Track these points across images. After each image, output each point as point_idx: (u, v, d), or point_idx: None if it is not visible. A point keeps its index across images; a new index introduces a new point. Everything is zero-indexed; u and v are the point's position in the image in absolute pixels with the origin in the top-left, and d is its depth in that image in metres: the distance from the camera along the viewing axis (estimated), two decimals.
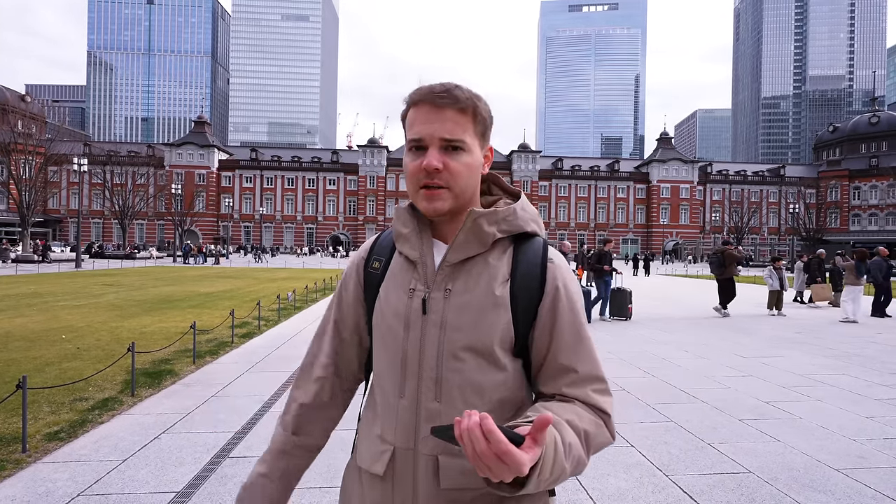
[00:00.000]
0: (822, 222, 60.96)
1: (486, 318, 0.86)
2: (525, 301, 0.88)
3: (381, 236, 1.07)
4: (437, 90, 0.88)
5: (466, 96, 0.89)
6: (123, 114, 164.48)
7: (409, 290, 0.92)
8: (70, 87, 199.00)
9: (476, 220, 0.89)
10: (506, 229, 0.91)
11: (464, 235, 0.89)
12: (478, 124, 0.91)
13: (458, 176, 0.88)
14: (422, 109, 0.88)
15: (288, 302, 11.17)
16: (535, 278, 0.89)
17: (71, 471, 3.05)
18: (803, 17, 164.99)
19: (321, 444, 1.07)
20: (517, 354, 0.90)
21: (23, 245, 35.74)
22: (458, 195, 0.89)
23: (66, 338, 7.19)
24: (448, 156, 0.87)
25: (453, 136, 0.87)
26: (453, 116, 0.87)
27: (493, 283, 0.88)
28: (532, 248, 0.92)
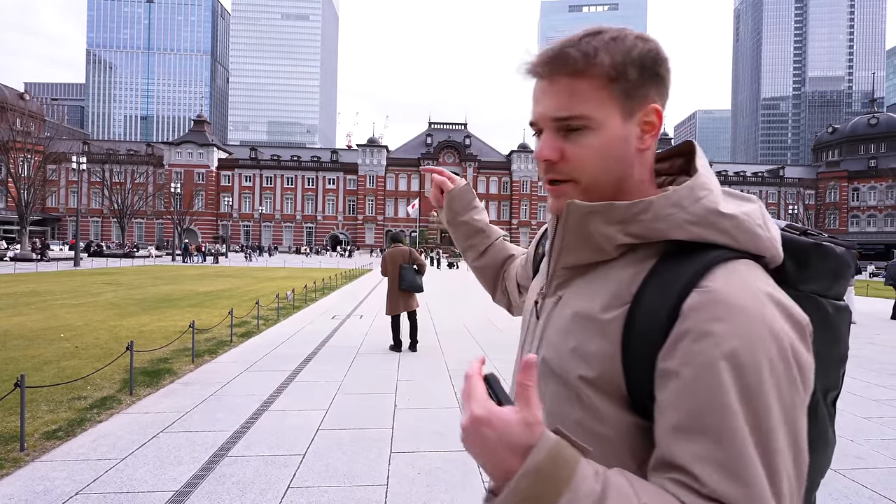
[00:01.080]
0: (821, 223, 61.09)
1: (580, 344, 0.64)
2: (645, 341, 0.58)
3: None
4: (541, 57, 0.65)
5: (583, 51, 0.62)
6: (122, 112, 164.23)
7: (541, 288, 0.78)
8: (69, 86, 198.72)
9: (583, 216, 0.64)
10: (637, 233, 0.62)
11: (568, 235, 0.68)
12: (616, 83, 0.63)
13: (583, 165, 0.65)
14: (535, 84, 0.68)
15: (287, 301, 11.17)
16: (665, 310, 0.57)
17: (69, 469, 3.05)
18: (803, 19, 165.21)
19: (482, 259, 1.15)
20: (637, 410, 0.60)
21: (21, 243, 35.69)
22: (589, 189, 0.66)
23: (64, 336, 7.18)
24: (567, 140, 0.65)
25: (568, 113, 0.63)
26: (567, 86, 0.64)
27: (603, 303, 0.63)
28: (684, 265, 0.59)
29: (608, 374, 0.61)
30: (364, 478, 3.02)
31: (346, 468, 3.14)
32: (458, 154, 72.77)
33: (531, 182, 72.45)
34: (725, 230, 0.60)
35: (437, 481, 3.00)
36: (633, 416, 0.61)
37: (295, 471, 3.09)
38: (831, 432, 0.73)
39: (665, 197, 0.62)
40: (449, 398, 4.65)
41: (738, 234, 0.60)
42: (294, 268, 30.36)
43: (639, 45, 0.63)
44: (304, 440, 3.57)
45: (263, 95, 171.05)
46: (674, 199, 0.62)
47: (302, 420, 3.99)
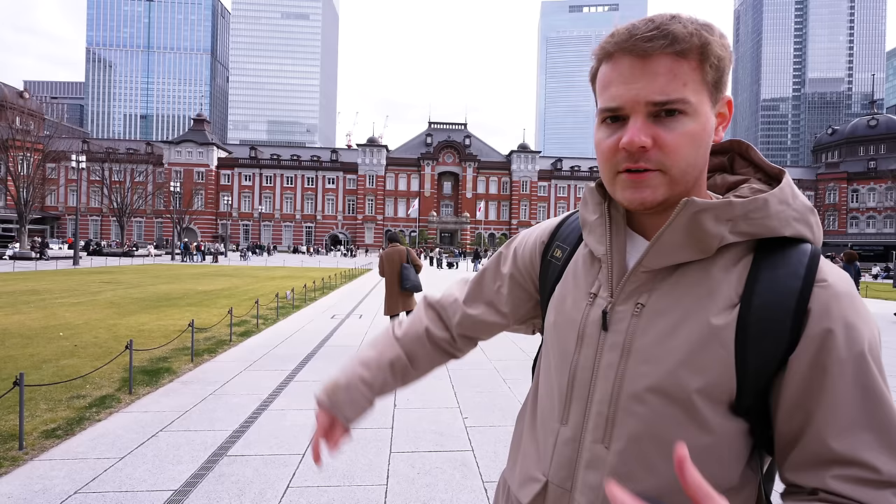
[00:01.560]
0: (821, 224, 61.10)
1: (692, 354, 0.60)
2: (764, 342, 0.58)
3: (569, 218, 0.84)
4: (640, 30, 0.60)
5: (688, 31, 0.59)
6: (122, 111, 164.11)
7: (590, 294, 0.71)
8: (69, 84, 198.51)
9: (696, 214, 0.60)
10: (746, 231, 0.61)
11: (672, 234, 0.62)
12: (707, 71, 0.61)
13: (676, 153, 0.60)
14: (620, 62, 0.61)
15: (287, 301, 11.16)
16: (786, 309, 0.58)
17: (68, 468, 3.04)
18: (803, 20, 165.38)
19: (419, 377, 0.96)
20: (739, 412, 0.61)
21: (20, 242, 35.65)
22: (677, 180, 0.62)
23: (63, 335, 7.17)
24: (660, 125, 0.60)
25: (668, 97, 0.59)
26: (668, 66, 0.59)
27: (711, 306, 0.61)
28: (790, 261, 0.60)
29: (722, 382, 0.60)
30: (363, 477, 3.01)
31: (346, 468, 3.14)
32: (457, 154, 72.77)
33: (531, 182, 72.47)
34: (813, 226, 0.64)
35: (437, 481, 2.99)
36: (737, 421, 0.62)
37: (294, 470, 3.08)
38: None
39: (774, 195, 0.62)
40: (448, 398, 4.65)
41: (818, 230, 0.65)
42: (293, 267, 30.34)
43: (719, 35, 0.62)
44: (303, 439, 3.57)
45: (263, 95, 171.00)
46: (781, 196, 0.62)
47: (301, 419, 3.98)
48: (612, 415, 0.65)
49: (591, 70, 0.68)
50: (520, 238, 0.90)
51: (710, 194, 0.69)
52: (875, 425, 0.54)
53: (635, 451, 0.64)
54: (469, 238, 69.67)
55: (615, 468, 0.65)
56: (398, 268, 6.61)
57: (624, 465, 0.64)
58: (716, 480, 0.60)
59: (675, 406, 0.61)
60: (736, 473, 0.63)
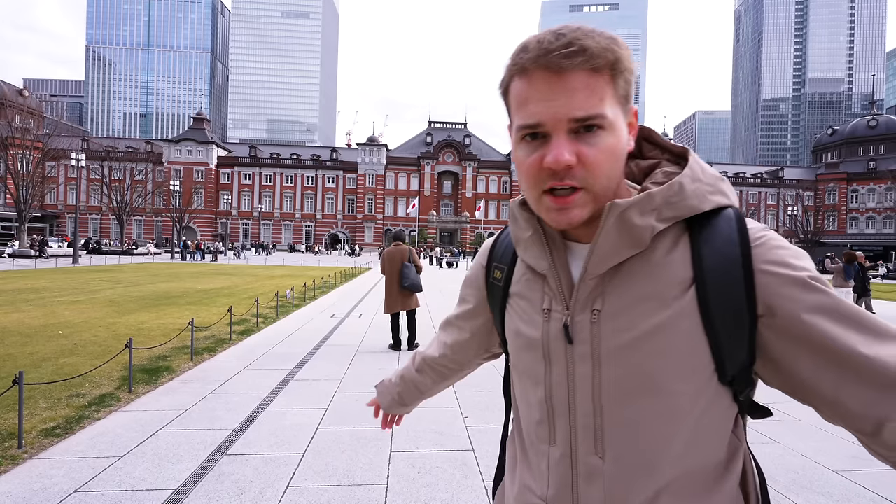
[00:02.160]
0: (820, 225, 61.08)
1: (660, 343, 0.61)
2: (727, 313, 0.60)
3: (500, 237, 0.84)
4: (555, 46, 0.58)
5: (601, 46, 0.59)
6: (122, 109, 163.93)
7: (544, 310, 0.69)
8: (68, 82, 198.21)
9: (622, 214, 0.61)
10: (671, 216, 0.63)
11: (606, 238, 0.62)
12: (619, 85, 0.61)
13: (598, 168, 0.60)
14: (535, 79, 0.60)
15: (286, 299, 11.15)
16: (736, 278, 0.60)
17: (67, 467, 3.03)
18: (803, 20, 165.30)
19: (433, 393, 1.11)
20: (723, 383, 0.63)
21: (20, 240, 35.62)
22: (601, 194, 0.63)
23: (62, 333, 7.16)
24: (581, 141, 0.60)
25: (588, 112, 0.59)
26: (585, 82, 0.58)
27: (667, 293, 0.62)
28: (722, 231, 0.62)
29: (698, 361, 0.61)
30: (364, 477, 3.01)
31: (346, 467, 3.13)
32: (457, 153, 72.73)
33: None
34: (726, 192, 0.66)
35: (438, 480, 2.99)
36: (720, 392, 0.64)
37: (294, 469, 3.07)
38: None
39: (686, 176, 0.64)
40: (449, 398, 4.64)
41: (731, 192, 0.67)
42: (293, 266, 30.33)
43: (626, 48, 0.62)
44: (303, 439, 3.56)
45: (263, 93, 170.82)
46: (692, 175, 0.64)
47: (301, 419, 3.97)
48: (600, 424, 0.65)
49: (503, 83, 0.66)
50: (468, 274, 0.94)
51: (630, 186, 0.70)
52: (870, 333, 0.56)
53: (631, 454, 0.64)
54: (469, 237, 69.66)
55: (614, 477, 0.65)
56: (399, 266, 6.60)
57: (622, 471, 0.64)
58: (706, 458, 0.64)
59: (659, 399, 0.62)
60: (724, 444, 0.66)
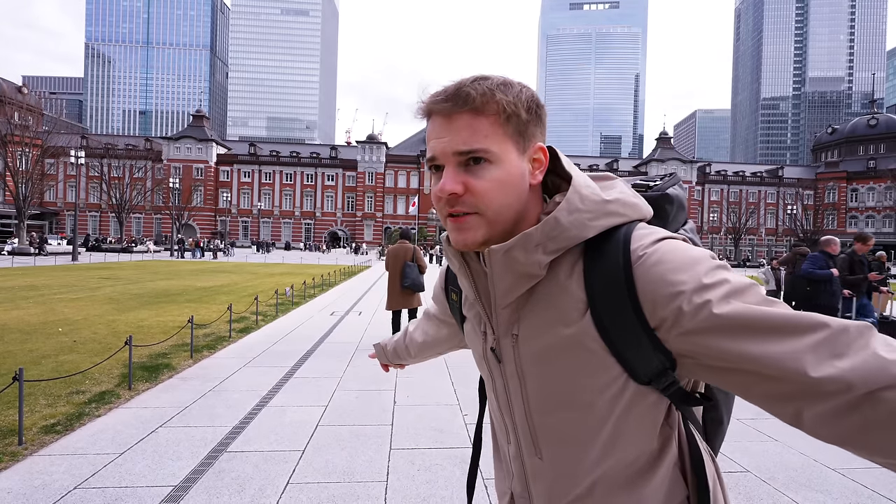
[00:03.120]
0: (820, 224, 61.19)
1: (574, 363, 0.68)
2: (623, 331, 0.64)
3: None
4: (442, 94, 0.68)
5: (481, 91, 0.67)
6: (121, 107, 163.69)
7: (482, 332, 0.79)
8: (67, 80, 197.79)
9: (504, 255, 0.68)
10: (556, 248, 0.67)
11: (500, 277, 0.70)
12: (509, 124, 0.68)
13: (486, 196, 0.67)
14: (434, 121, 0.70)
15: (286, 297, 11.15)
16: (619, 293, 0.64)
17: (67, 464, 3.04)
18: (804, 19, 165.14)
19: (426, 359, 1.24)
20: (642, 383, 0.67)
21: (19, 237, 35.58)
22: (493, 220, 0.68)
23: (62, 331, 7.16)
24: (469, 173, 0.67)
25: (470, 146, 0.66)
26: (468, 122, 0.67)
27: (568, 316, 0.67)
28: (609, 253, 0.66)
29: (609, 375, 0.67)
30: (364, 474, 3.01)
31: (346, 464, 3.13)
32: None
33: None
34: (616, 212, 0.69)
35: (437, 477, 2.99)
36: (642, 393, 0.68)
37: (294, 466, 3.08)
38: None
39: (561, 209, 0.67)
40: (448, 395, 4.65)
41: (626, 210, 0.70)
42: (292, 264, 30.32)
43: (524, 90, 0.69)
44: (303, 436, 3.56)
45: (263, 91, 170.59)
46: (569, 207, 0.68)
47: (301, 416, 3.98)
48: (534, 430, 0.74)
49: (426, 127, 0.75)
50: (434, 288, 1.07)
51: (541, 217, 0.72)
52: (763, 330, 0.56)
53: (563, 456, 0.72)
54: None
55: (553, 475, 0.74)
56: (401, 266, 6.60)
57: (559, 469, 0.73)
58: (636, 450, 0.70)
59: (577, 408, 0.69)
60: (654, 436, 0.70)
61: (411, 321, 1.27)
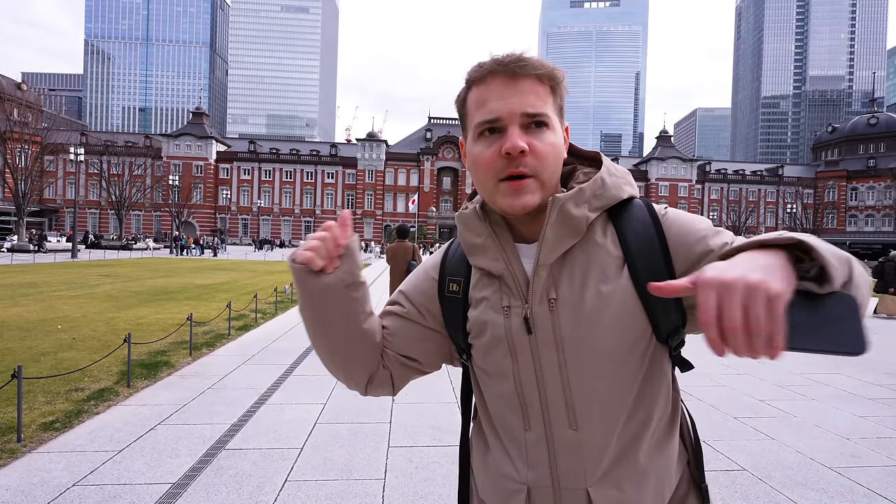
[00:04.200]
0: (819, 222, 61.21)
1: (612, 320, 0.72)
2: (650, 275, 0.72)
3: (449, 251, 0.89)
4: (509, 59, 0.71)
5: (542, 63, 0.72)
6: (121, 104, 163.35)
7: (504, 308, 0.77)
8: (67, 76, 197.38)
9: (562, 206, 0.72)
10: (599, 205, 0.75)
11: (552, 230, 0.73)
12: (557, 98, 0.75)
13: (546, 159, 0.72)
14: (493, 83, 0.72)
15: (285, 295, 11.15)
16: (655, 249, 0.73)
17: (66, 461, 3.04)
18: (804, 17, 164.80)
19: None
20: (661, 341, 0.76)
21: (18, 235, 35.56)
22: (546, 184, 0.73)
23: (61, 328, 7.16)
24: (532, 135, 0.71)
25: (537, 110, 0.71)
26: (533, 87, 0.71)
27: (607, 272, 0.73)
28: (637, 216, 0.76)
29: (641, 327, 0.73)
30: (362, 471, 3.02)
31: (344, 462, 3.14)
32: (457, 149, 72.51)
33: None
34: (633, 185, 0.81)
35: (435, 475, 3.00)
36: (662, 349, 0.76)
37: (293, 464, 3.09)
38: None
39: (603, 172, 0.77)
40: (446, 393, 4.66)
41: (633, 186, 0.81)
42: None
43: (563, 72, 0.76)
44: (301, 433, 3.57)
45: (262, 88, 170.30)
46: (608, 172, 0.78)
47: (300, 413, 3.99)
48: (570, 400, 0.74)
49: (460, 96, 0.78)
50: (406, 287, 0.90)
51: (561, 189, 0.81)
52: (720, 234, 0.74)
53: (601, 419, 0.74)
54: None
55: (589, 444, 0.74)
56: (402, 264, 6.63)
57: (595, 437, 0.74)
58: (660, 412, 0.76)
59: (621, 366, 0.73)
60: (668, 399, 0.78)
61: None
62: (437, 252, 0.91)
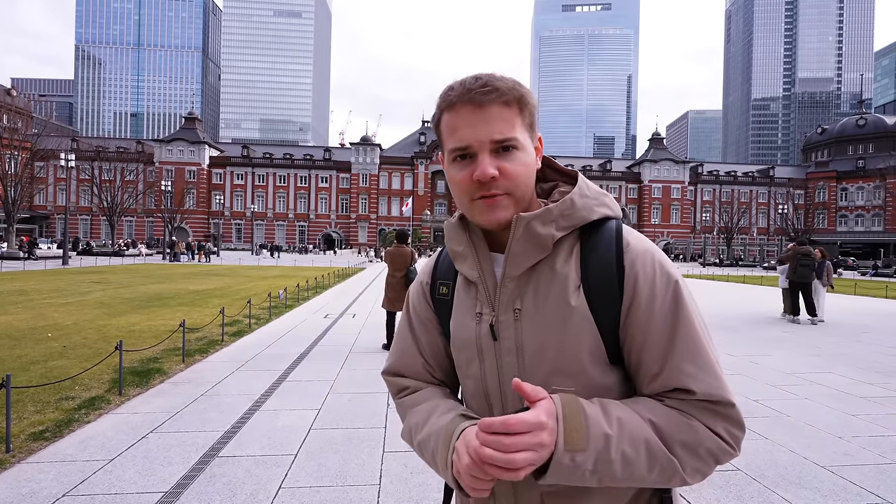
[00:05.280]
0: (810, 223, 61.77)
1: (568, 334, 0.76)
2: (605, 305, 0.76)
3: (440, 256, 0.96)
4: (475, 86, 0.75)
5: (509, 86, 0.76)
6: (112, 109, 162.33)
7: (476, 314, 0.83)
8: (57, 82, 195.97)
9: (527, 224, 0.77)
10: (567, 225, 0.79)
11: (518, 244, 0.78)
12: (525, 115, 0.78)
13: (517, 179, 0.77)
14: (461, 111, 0.76)
15: (279, 300, 11.10)
16: (610, 276, 0.76)
17: (56, 471, 3.00)
18: (793, 20, 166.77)
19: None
20: (614, 363, 0.78)
21: (8, 242, 35.18)
22: (520, 200, 0.79)
23: (52, 336, 7.08)
24: (502, 159, 0.76)
25: (504, 136, 0.75)
26: (499, 112, 0.75)
27: (566, 293, 0.76)
28: (603, 239, 0.79)
29: (595, 345, 0.76)
30: (356, 477, 3.00)
31: (339, 468, 3.12)
32: None
33: None
34: (609, 205, 0.83)
35: (430, 480, 2.99)
36: (615, 372, 0.79)
37: (287, 471, 3.06)
38: None
39: (575, 193, 0.80)
40: None
41: (613, 206, 0.84)
42: (286, 266, 30.19)
43: (528, 88, 0.80)
44: (295, 440, 3.55)
45: (255, 93, 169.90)
46: (580, 192, 0.81)
47: (294, 420, 3.96)
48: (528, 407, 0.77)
49: (434, 118, 0.83)
50: (410, 297, 0.99)
51: (540, 202, 0.84)
52: (686, 350, 0.73)
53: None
54: None
55: None
56: (401, 269, 6.65)
57: None
58: None
59: (572, 378, 0.76)
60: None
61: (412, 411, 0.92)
62: (431, 257, 0.98)
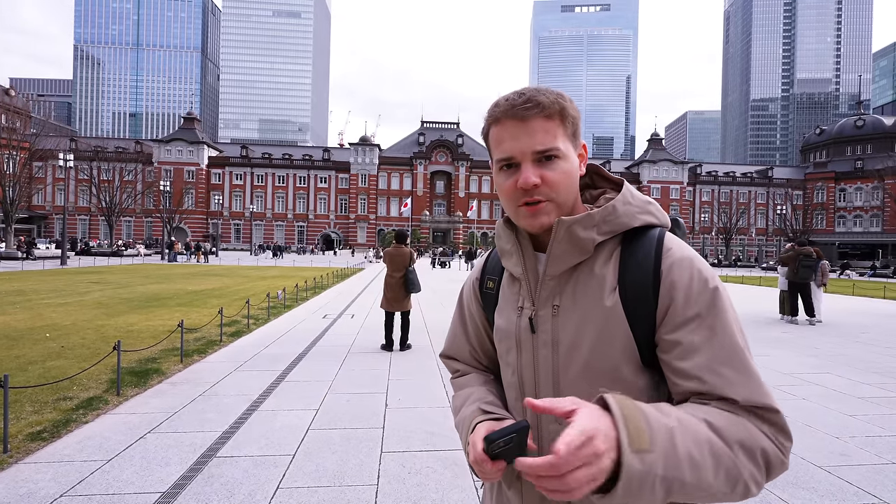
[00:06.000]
0: (809, 223, 61.85)
1: (601, 333, 0.80)
2: (639, 309, 0.79)
3: (491, 254, 1.05)
4: (518, 102, 0.82)
5: (551, 100, 0.82)
6: (111, 109, 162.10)
7: (518, 307, 0.89)
8: (56, 82, 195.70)
9: (568, 227, 0.82)
10: (607, 230, 0.83)
11: (558, 246, 0.83)
12: (567, 126, 0.84)
13: (558, 186, 0.82)
14: (506, 125, 0.83)
15: (278, 300, 11.09)
16: (646, 282, 0.79)
17: (54, 471, 3.00)
18: (791, 21, 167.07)
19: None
20: (646, 365, 0.81)
21: (6, 242, 35.11)
22: (562, 205, 0.84)
23: (50, 336, 7.07)
24: (543, 167, 0.81)
25: (545, 146, 0.81)
26: (541, 125, 0.81)
27: (602, 293, 0.81)
28: (643, 246, 0.82)
29: (627, 346, 0.79)
30: (354, 478, 3.00)
31: (337, 468, 3.12)
32: (450, 153, 72.76)
33: None
34: (654, 213, 0.87)
35: (428, 480, 2.99)
36: (647, 374, 0.80)
37: (284, 471, 3.06)
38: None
39: (618, 200, 0.85)
40: (440, 397, 4.65)
41: (659, 214, 0.88)
42: (285, 267, 30.17)
43: (570, 100, 0.86)
44: (293, 440, 3.55)
45: (254, 93, 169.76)
46: (623, 199, 0.85)
47: (292, 420, 3.96)
48: (559, 396, 0.80)
49: (483, 131, 0.89)
50: (463, 290, 1.09)
51: (586, 207, 0.89)
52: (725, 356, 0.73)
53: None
54: (462, 237, 69.69)
55: None
56: (399, 269, 6.66)
57: None
58: None
59: (604, 376, 0.80)
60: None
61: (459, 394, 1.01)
62: (482, 256, 1.09)
